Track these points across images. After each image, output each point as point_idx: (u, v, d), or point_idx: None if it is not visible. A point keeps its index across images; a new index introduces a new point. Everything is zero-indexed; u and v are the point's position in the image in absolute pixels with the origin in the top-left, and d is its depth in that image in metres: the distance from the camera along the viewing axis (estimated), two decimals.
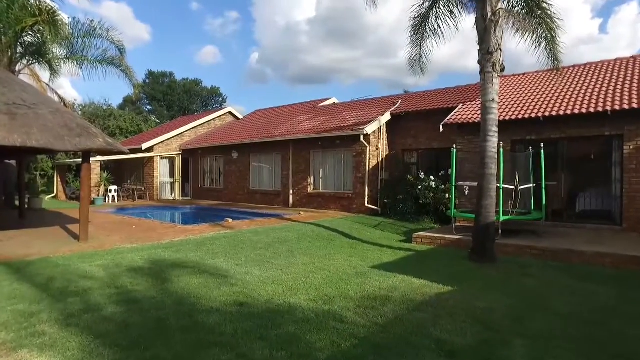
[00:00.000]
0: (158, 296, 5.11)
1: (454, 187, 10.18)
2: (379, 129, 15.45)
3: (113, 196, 20.77)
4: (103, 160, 22.40)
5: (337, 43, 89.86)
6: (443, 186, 13.07)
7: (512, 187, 9.74)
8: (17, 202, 17.46)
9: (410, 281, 6.12)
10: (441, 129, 12.86)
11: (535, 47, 8.83)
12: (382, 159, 15.64)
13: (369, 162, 15.02)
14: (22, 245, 8.10)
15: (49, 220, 12.79)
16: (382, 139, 15.69)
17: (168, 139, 22.86)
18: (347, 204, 15.56)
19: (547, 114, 10.93)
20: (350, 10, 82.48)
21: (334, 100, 23.50)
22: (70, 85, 69.59)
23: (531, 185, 10.27)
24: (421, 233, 10.24)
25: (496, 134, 7.84)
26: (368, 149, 14.94)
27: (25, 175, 24.82)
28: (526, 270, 7.05)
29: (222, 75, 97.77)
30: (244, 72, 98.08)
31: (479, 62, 8.03)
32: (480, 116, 12.23)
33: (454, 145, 10.79)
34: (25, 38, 17.92)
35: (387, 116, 15.74)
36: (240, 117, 26.94)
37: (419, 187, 13.29)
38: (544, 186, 10.00)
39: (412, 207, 13.42)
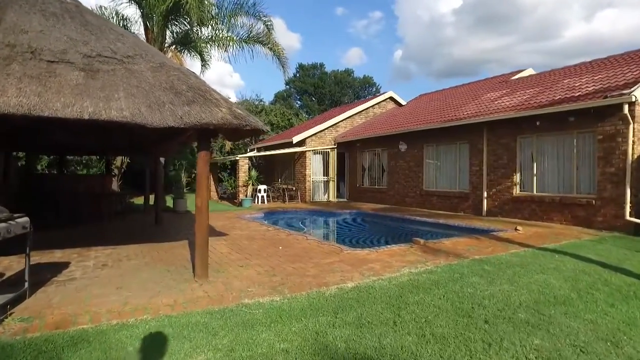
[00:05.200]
0: None
1: None
2: None
3: (262, 197, 18.46)
4: (253, 157, 20.45)
5: (486, 31, 79.77)
6: None
7: None
8: (167, 204, 16.12)
9: None
10: None
11: None
12: None
13: (632, 148, 9.34)
14: (118, 281, 5.20)
15: (184, 228, 10.44)
16: None
17: (321, 131, 19.80)
18: (585, 214, 10.09)
19: None
20: None
21: (530, 71, 17.66)
22: (234, 96, 74.91)
23: None
24: None
25: None
26: (631, 127, 9.27)
27: (177, 174, 24.49)
28: None
29: (368, 74, 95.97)
30: (388, 70, 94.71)
31: None
32: None
33: None
34: (173, 26, 16.85)
35: None
36: (403, 103, 22.65)
37: None
38: None
39: None
